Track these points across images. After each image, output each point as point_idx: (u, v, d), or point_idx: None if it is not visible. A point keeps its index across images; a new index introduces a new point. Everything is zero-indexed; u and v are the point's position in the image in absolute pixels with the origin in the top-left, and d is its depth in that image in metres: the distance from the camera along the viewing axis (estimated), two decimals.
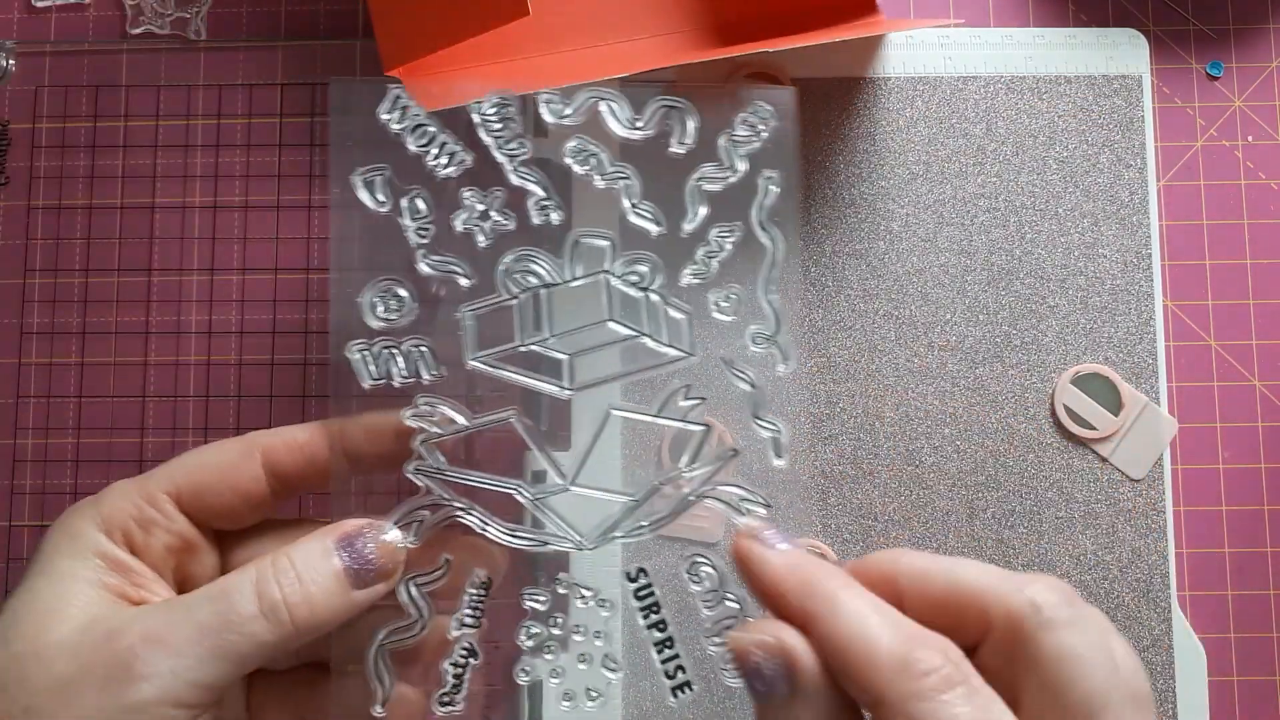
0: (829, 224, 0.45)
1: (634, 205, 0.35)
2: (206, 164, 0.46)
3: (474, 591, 0.34)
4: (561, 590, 0.35)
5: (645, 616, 0.35)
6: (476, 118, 0.35)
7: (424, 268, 0.35)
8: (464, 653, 0.34)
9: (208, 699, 0.29)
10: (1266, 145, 0.46)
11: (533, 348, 0.34)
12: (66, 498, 0.44)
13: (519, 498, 0.35)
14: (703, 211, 0.35)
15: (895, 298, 0.44)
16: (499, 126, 0.35)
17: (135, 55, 0.47)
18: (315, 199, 0.46)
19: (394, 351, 0.34)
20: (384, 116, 0.35)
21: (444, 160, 0.35)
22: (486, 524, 0.34)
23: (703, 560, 0.35)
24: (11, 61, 0.46)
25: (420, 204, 0.35)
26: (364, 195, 0.35)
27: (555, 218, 0.35)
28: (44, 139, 0.46)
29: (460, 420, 0.34)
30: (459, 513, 0.34)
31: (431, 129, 0.35)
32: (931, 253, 0.45)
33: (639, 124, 0.35)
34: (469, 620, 0.34)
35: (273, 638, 0.30)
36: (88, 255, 0.46)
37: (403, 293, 0.34)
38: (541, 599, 0.35)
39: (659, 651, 0.34)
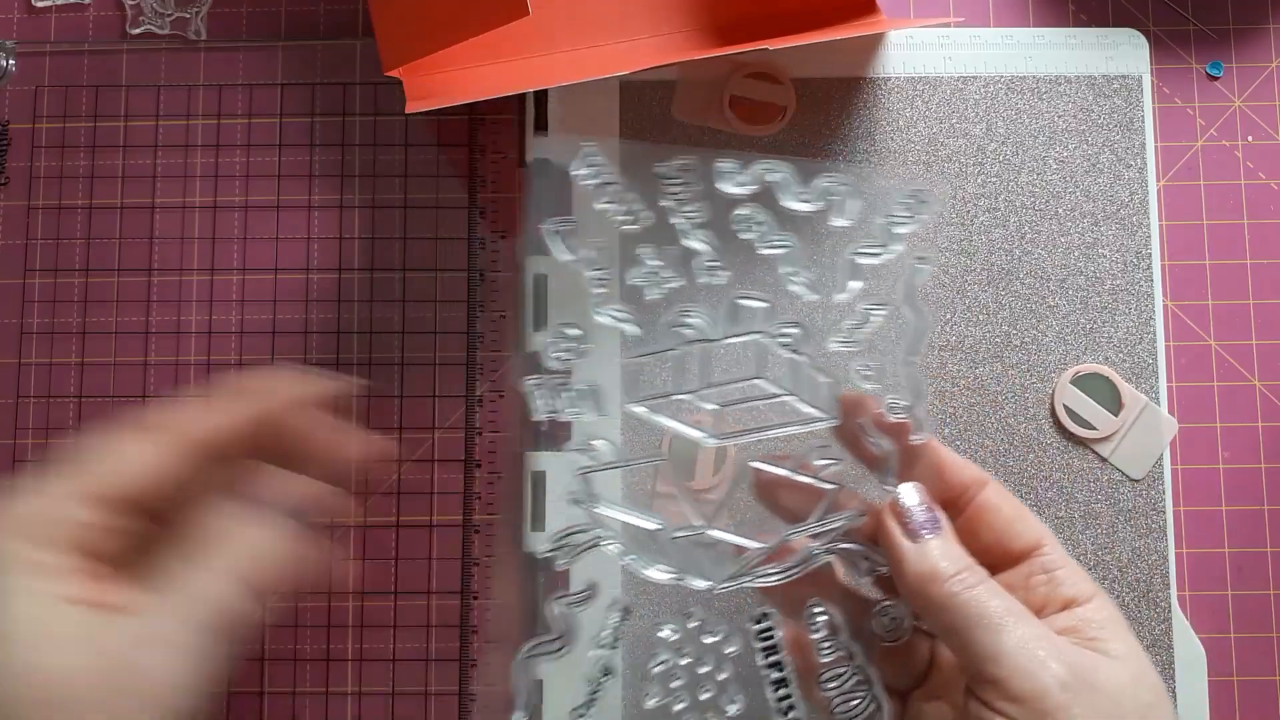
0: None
1: (791, 273, 0.37)
2: (206, 164, 0.46)
3: (614, 616, 0.37)
4: (691, 625, 0.37)
5: (766, 656, 0.37)
6: (659, 180, 0.37)
7: (599, 317, 0.37)
8: (600, 671, 0.37)
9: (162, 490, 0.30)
10: (1266, 145, 0.46)
11: (686, 397, 0.37)
12: None
13: (661, 536, 0.37)
14: (854, 285, 0.37)
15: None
16: (680, 189, 0.37)
17: (135, 55, 0.47)
18: (315, 199, 0.46)
19: (563, 390, 0.37)
20: (576, 173, 0.37)
21: (629, 218, 0.37)
22: (628, 555, 0.37)
23: (819, 610, 0.36)
24: (11, 61, 0.47)
25: (602, 256, 0.37)
26: (553, 245, 0.37)
27: (721, 278, 0.37)
28: (44, 139, 0.46)
29: (616, 458, 0.37)
30: (605, 541, 0.37)
31: (617, 186, 0.37)
32: (931, 253, 0.45)
33: (805, 197, 0.37)
34: (606, 642, 0.37)
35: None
36: (88, 255, 0.46)
37: (578, 336, 0.37)
38: (673, 630, 0.37)
39: (774, 690, 0.36)
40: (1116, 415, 0.44)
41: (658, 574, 0.37)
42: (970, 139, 0.45)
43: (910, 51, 0.46)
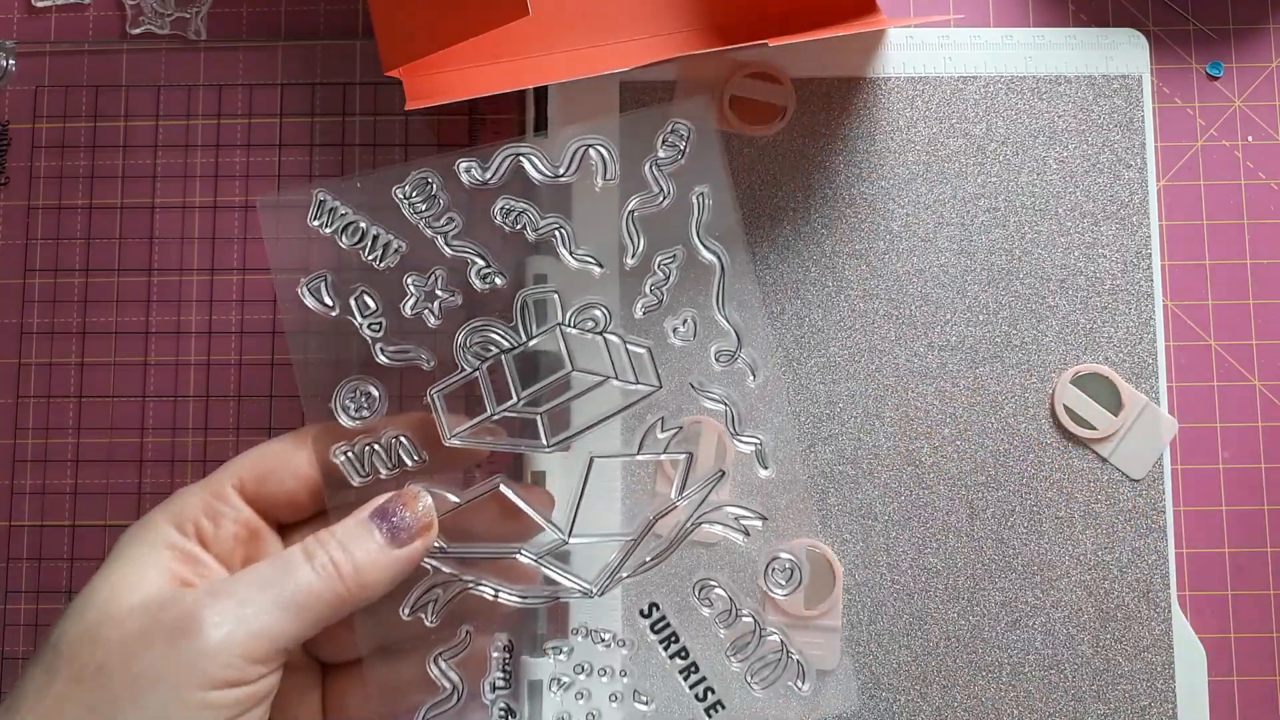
0: (829, 224, 0.45)
1: (572, 251, 0.36)
2: (206, 164, 0.46)
3: (499, 656, 0.36)
4: (580, 639, 0.36)
5: (666, 648, 0.36)
6: (400, 200, 0.36)
7: (383, 359, 0.36)
8: (501, 714, 0.36)
9: (272, 657, 0.31)
10: (1266, 145, 0.46)
11: (506, 414, 0.35)
12: (66, 498, 0.44)
13: (522, 560, 0.36)
14: (642, 243, 0.36)
15: (895, 298, 0.44)
16: (424, 205, 0.36)
17: (135, 55, 0.47)
18: None
19: (374, 447, 0.35)
20: (313, 224, 0.36)
21: (379, 253, 0.36)
22: (498, 591, 0.35)
23: (711, 583, 0.36)
24: (11, 61, 0.46)
25: (368, 300, 0.36)
26: (311, 303, 0.36)
27: (499, 282, 0.36)
28: (44, 139, 0.46)
29: (452, 498, 0.35)
30: (469, 585, 0.35)
31: (362, 224, 0.36)
32: (931, 253, 0.45)
33: (560, 170, 0.36)
34: (500, 684, 0.36)
35: (324, 587, 0.32)
36: (88, 255, 0.46)
37: (371, 390, 0.35)
38: (564, 651, 0.36)
39: (685, 678, 0.36)
40: (1116, 415, 0.44)
41: (532, 602, 0.35)
42: (970, 139, 0.45)
43: (910, 51, 0.46)
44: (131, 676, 0.29)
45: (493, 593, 0.35)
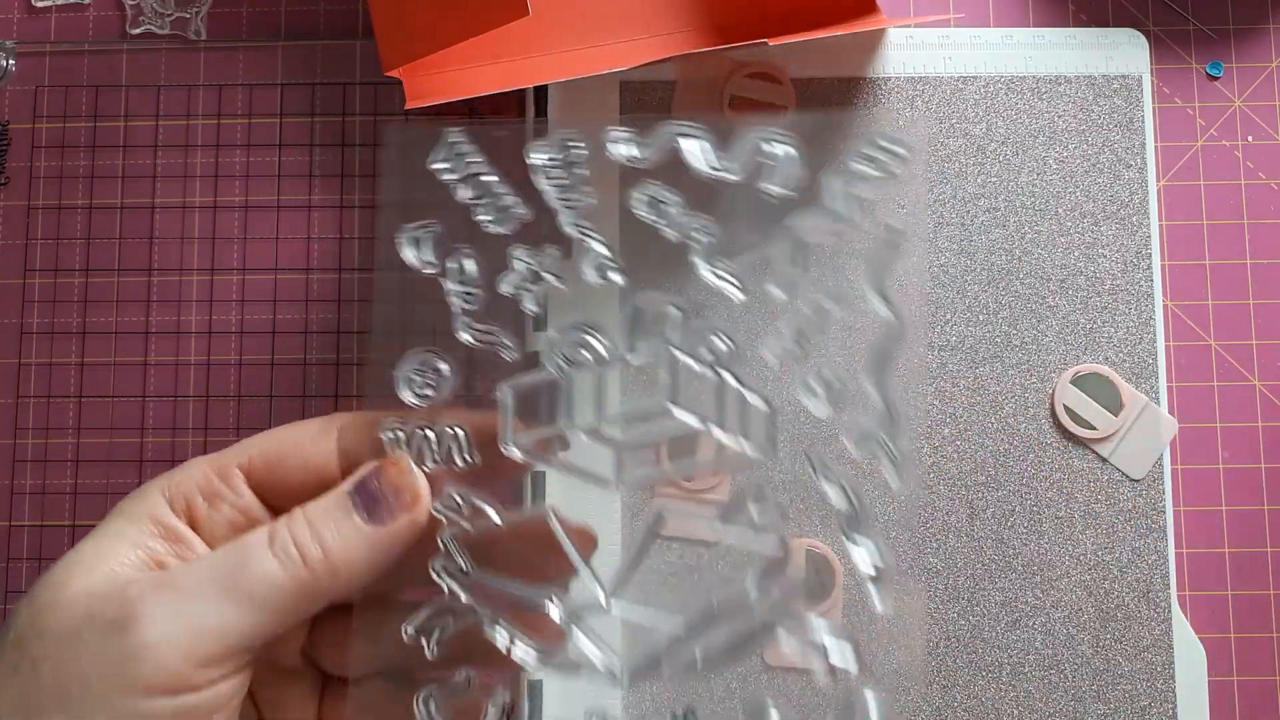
0: None
1: (712, 264, 0.29)
2: (206, 164, 0.46)
3: (494, 713, 0.30)
4: None
5: None
6: (537, 162, 0.30)
7: (465, 336, 0.30)
8: None
9: (224, 655, 0.27)
10: (1266, 145, 0.46)
11: (579, 434, 0.29)
12: (66, 498, 0.44)
13: (551, 612, 0.30)
14: (802, 274, 0.29)
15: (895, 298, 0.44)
16: (561, 173, 0.30)
17: (135, 55, 0.47)
18: (315, 199, 0.46)
19: (427, 434, 0.30)
20: (435, 165, 0.30)
21: (494, 215, 0.30)
22: (513, 641, 0.29)
23: (772, 712, 0.29)
24: (11, 61, 0.46)
25: (469, 265, 0.30)
26: (410, 255, 0.31)
27: (616, 279, 0.30)
28: (44, 139, 0.46)
29: (492, 515, 0.30)
30: (484, 623, 0.30)
31: (487, 178, 0.30)
32: (931, 253, 0.45)
33: (725, 162, 0.29)
34: None
35: (286, 576, 0.28)
36: (88, 255, 0.46)
37: (442, 367, 0.30)
38: None
39: None
40: (1116, 415, 0.44)
41: (552, 668, 0.29)
42: (970, 139, 0.45)
43: (910, 51, 0.46)
44: (61, 676, 0.26)
45: (507, 640, 0.29)
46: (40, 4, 0.47)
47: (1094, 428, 0.44)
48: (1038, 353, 0.44)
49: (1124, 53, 0.46)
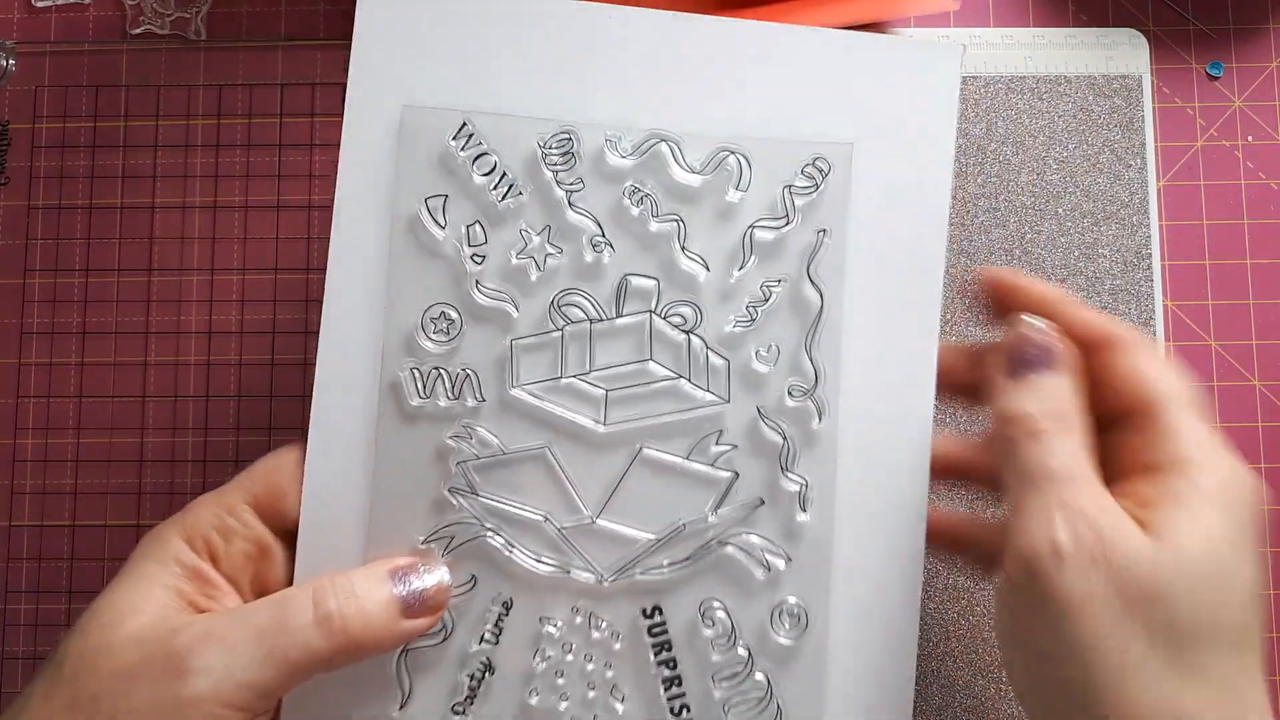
0: None
1: (684, 248, 0.36)
2: (206, 164, 0.46)
3: (496, 610, 0.36)
4: (579, 620, 0.36)
5: (657, 653, 0.35)
6: (539, 150, 0.36)
7: (477, 296, 0.35)
8: (481, 666, 0.35)
9: (256, 705, 0.31)
10: (1266, 145, 0.46)
11: (573, 381, 0.35)
12: (66, 498, 0.44)
13: (546, 526, 0.36)
14: (753, 261, 0.36)
15: None
16: (560, 160, 0.36)
17: (135, 55, 0.47)
18: (315, 199, 0.46)
19: (442, 371, 0.35)
20: (451, 144, 0.36)
21: (504, 190, 0.36)
22: (513, 547, 0.35)
23: (717, 605, 0.35)
24: (11, 61, 0.47)
25: (479, 232, 0.36)
26: (427, 220, 0.36)
27: (606, 255, 0.36)
28: (44, 139, 0.46)
29: (496, 447, 0.35)
30: (487, 533, 0.35)
31: (494, 159, 0.36)
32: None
33: (697, 168, 0.36)
34: (489, 637, 0.35)
35: (324, 646, 0.31)
36: (88, 255, 0.46)
37: (454, 317, 0.36)
38: (558, 624, 0.36)
39: (666, 688, 0.35)
40: None
41: (541, 567, 0.35)
42: (970, 139, 0.45)
43: None
44: (120, 712, 0.30)
45: (507, 546, 0.35)
46: (40, 4, 0.47)
47: None
48: None
49: (1124, 53, 0.46)
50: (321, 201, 0.46)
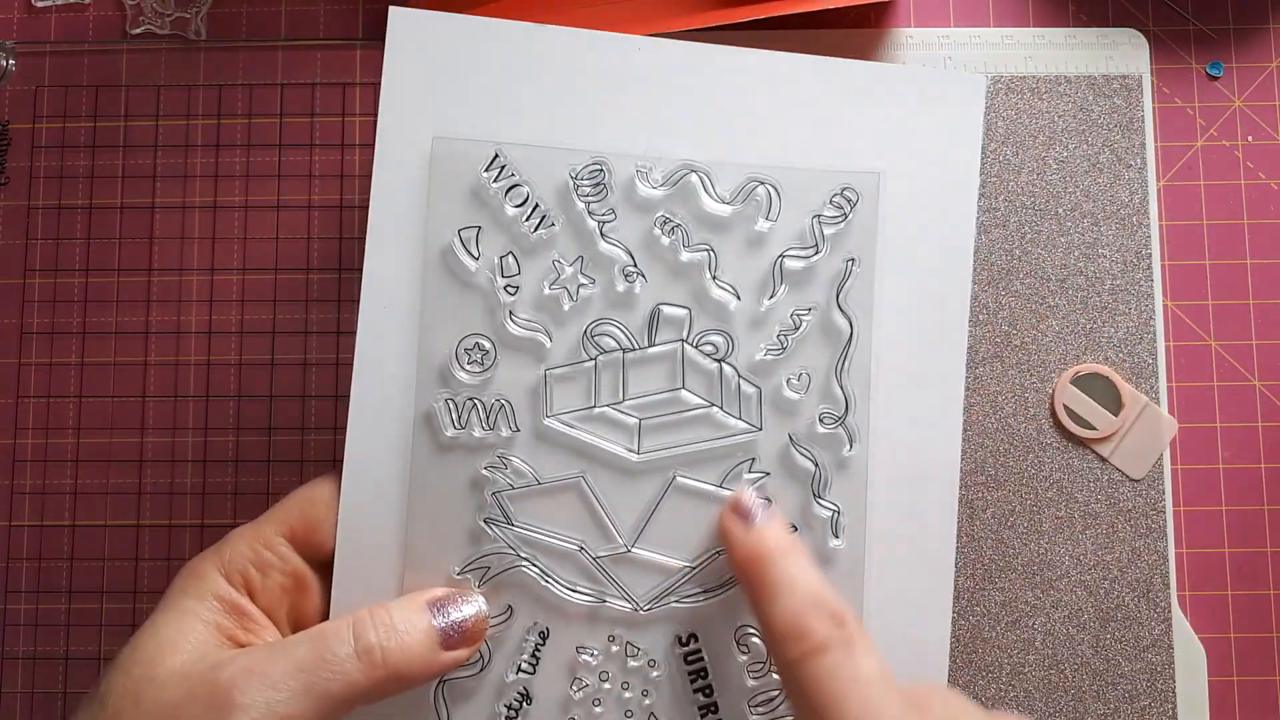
0: None
1: (714, 277, 0.36)
2: (206, 164, 0.46)
3: (532, 640, 0.36)
4: (615, 648, 0.36)
5: (693, 681, 0.36)
6: (570, 180, 0.36)
7: (511, 326, 0.36)
8: (518, 696, 0.36)
9: None
10: (1266, 145, 0.46)
11: (607, 410, 0.36)
12: (66, 498, 0.44)
13: (581, 556, 0.36)
14: (784, 290, 0.36)
15: None
16: (591, 191, 0.36)
17: (135, 55, 0.47)
18: (315, 199, 0.46)
19: (476, 401, 0.36)
20: (484, 175, 0.36)
21: (536, 221, 0.36)
22: (548, 577, 0.36)
23: (753, 631, 0.36)
24: (11, 61, 0.47)
25: (512, 263, 0.36)
26: (460, 251, 0.36)
27: (638, 285, 0.36)
28: (44, 139, 0.46)
29: (531, 476, 0.36)
30: (523, 563, 0.36)
31: (526, 190, 0.36)
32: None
33: (728, 198, 0.36)
34: (525, 667, 0.36)
35: (364, 679, 0.32)
36: (88, 255, 0.46)
37: (488, 347, 0.36)
38: (595, 653, 0.36)
39: (702, 715, 0.36)
40: (1116, 415, 0.44)
41: (578, 597, 0.36)
42: None
43: (910, 51, 0.46)
44: None
45: (541, 574, 0.35)
46: (40, 4, 0.47)
47: (1094, 428, 0.44)
48: (1037, 352, 0.44)
49: (1124, 53, 0.46)
50: (322, 202, 0.46)
